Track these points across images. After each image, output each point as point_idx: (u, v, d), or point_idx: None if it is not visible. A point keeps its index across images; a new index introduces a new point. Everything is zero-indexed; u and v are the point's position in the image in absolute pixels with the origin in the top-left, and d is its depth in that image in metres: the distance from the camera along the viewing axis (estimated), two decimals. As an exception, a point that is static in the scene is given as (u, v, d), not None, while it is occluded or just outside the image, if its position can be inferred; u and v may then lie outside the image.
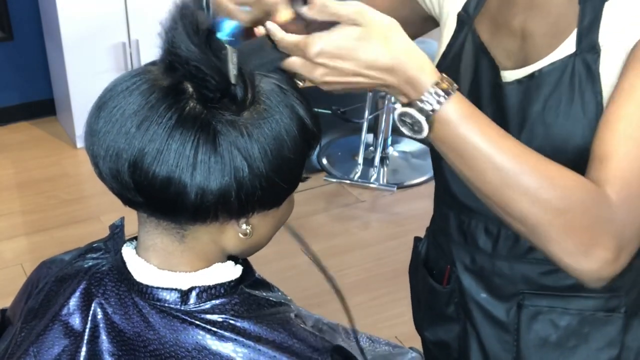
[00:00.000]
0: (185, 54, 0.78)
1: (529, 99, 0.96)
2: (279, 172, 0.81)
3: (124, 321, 0.87)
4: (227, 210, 0.82)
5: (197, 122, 0.78)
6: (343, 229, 3.10)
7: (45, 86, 3.87)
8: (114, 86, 0.82)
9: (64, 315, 0.89)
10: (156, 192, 0.79)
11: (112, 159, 0.80)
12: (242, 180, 0.79)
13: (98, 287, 0.89)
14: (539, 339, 1.08)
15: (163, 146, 0.77)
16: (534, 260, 1.05)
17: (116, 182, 0.81)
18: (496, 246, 1.07)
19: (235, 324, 0.85)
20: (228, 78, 0.80)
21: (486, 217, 1.06)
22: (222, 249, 0.88)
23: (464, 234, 1.10)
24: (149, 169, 0.78)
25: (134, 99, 0.79)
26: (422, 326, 1.26)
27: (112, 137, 0.79)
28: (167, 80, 0.80)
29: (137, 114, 0.78)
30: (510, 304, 1.09)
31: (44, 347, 0.88)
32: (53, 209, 3.20)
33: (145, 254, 0.89)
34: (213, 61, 0.79)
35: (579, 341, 1.07)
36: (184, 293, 0.86)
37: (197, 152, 0.77)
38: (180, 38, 0.78)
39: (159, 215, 0.85)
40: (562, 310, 1.06)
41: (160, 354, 0.84)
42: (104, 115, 0.80)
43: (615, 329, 1.06)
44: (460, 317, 1.16)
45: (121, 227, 0.96)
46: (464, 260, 1.12)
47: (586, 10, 0.92)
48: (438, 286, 1.18)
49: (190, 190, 0.78)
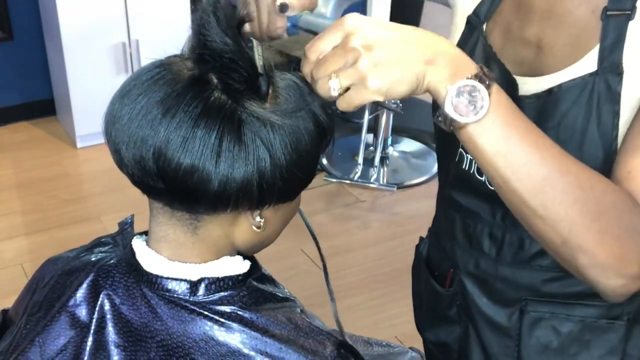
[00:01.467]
0: (220, 47, 0.80)
1: (545, 114, 0.94)
2: (297, 164, 0.83)
3: (131, 312, 0.87)
4: (247, 200, 0.83)
5: (222, 112, 0.79)
6: (343, 229, 3.10)
7: (45, 86, 3.88)
8: (138, 75, 0.84)
9: (70, 306, 0.90)
10: (179, 180, 0.80)
11: (136, 146, 0.81)
12: (264, 170, 0.81)
13: (106, 278, 0.90)
14: (540, 344, 1.08)
15: (188, 134, 0.79)
16: (537, 267, 1.04)
17: (139, 168, 0.82)
18: (500, 252, 1.07)
19: (243, 316, 0.86)
20: (257, 69, 0.82)
21: (491, 222, 1.06)
22: (233, 242, 0.90)
23: (470, 237, 1.10)
24: (173, 156, 0.79)
25: (159, 87, 0.81)
26: (423, 327, 1.26)
27: (137, 123, 0.80)
28: (194, 72, 0.82)
29: (163, 102, 0.80)
30: (512, 310, 1.09)
31: (49, 338, 0.89)
32: (53, 209, 3.20)
33: (156, 245, 0.90)
34: (246, 52, 0.81)
35: (580, 348, 1.06)
36: (194, 284, 0.87)
37: (222, 141, 0.79)
38: (215, 31, 0.80)
39: (177, 204, 0.86)
40: (565, 317, 1.06)
41: (168, 345, 0.85)
42: (128, 103, 0.82)
43: (616, 337, 1.06)
44: (462, 319, 1.16)
45: (131, 223, 0.97)
46: (467, 264, 1.12)
47: (609, 27, 0.90)
48: (440, 288, 1.18)
49: (214, 178, 0.79)
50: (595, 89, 0.90)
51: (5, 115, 3.85)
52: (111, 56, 3.49)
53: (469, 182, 1.06)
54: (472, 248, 1.10)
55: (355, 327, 1.38)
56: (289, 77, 0.85)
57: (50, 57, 3.77)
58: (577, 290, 1.04)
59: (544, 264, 1.03)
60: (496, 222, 1.05)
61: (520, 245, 1.04)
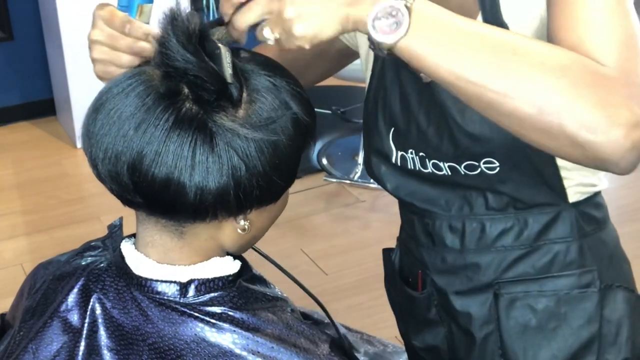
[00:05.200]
0: (183, 65, 0.79)
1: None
2: (275, 169, 0.82)
3: (122, 315, 0.87)
4: (226, 209, 0.83)
5: (193, 123, 0.79)
6: (343, 229, 3.10)
7: (45, 86, 3.87)
8: (110, 88, 0.83)
9: (62, 311, 0.90)
10: (155, 193, 0.80)
11: (111, 161, 0.81)
12: (239, 179, 0.80)
13: (96, 282, 0.90)
14: (519, 325, 1.09)
15: (161, 148, 0.78)
16: (502, 248, 1.07)
17: (115, 183, 0.82)
18: (463, 241, 1.08)
19: (233, 316, 0.86)
20: (225, 80, 0.81)
21: (448, 215, 1.08)
22: (220, 245, 0.90)
23: (431, 236, 1.11)
24: (147, 170, 0.79)
25: (130, 101, 0.80)
26: (409, 335, 1.26)
27: (110, 139, 0.80)
28: (164, 85, 0.81)
29: (134, 116, 0.79)
30: (486, 296, 1.10)
31: (42, 344, 0.89)
32: (53, 209, 3.20)
33: (144, 250, 0.89)
34: (211, 67, 0.80)
35: (558, 322, 1.08)
36: (183, 285, 0.87)
37: (195, 153, 0.78)
38: (175, 49, 0.79)
39: (158, 215, 0.86)
40: (538, 293, 1.07)
41: (159, 347, 0.85)
42: (102, 118, 0.81)
43: (592, 305, 1.07)
44: (443, 319, 1.16)
45: (119, 226, 0.97)
46: (434, 263, 1.13)
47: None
48: (415, 293, 1.19)
49: (189, 190, 0.79)
50: None
51: (5, 115, 3.85)
52: (111, 56, 3.49)
53: (417, 180, 1.08)
54: (435, 245, 1.12)
55: (355, 327, 1.38)
56: (264, 79, 0.84)
57: (50, 57, 3.77)
58: (544, 262, 1.06)
59: (507, 243, 1.06)
60: (453, 214, 1.07)
61: (482, 230, 1.07)
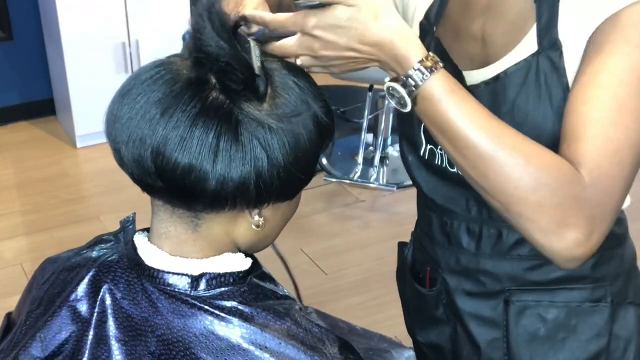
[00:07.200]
0: (216, 52, 0.81)
1: (498, 100, 0.98)
2: (296, 164, 0.84)
3: (132, 306, 0.88)
4: (245, 200, 0.84)
5: (220, 112, 0.80)
6: (343, 229, 3.10)
7: (45, 86, 3.87)
8: (138, 75, 0.85)
9: (72, 301, 0.90)
10: (177, 179, 0.81)
11: (135, 145, 0.82)
12: (261, 170, 0.81)
13: (107, 274, 0.91)
14: (528, 334, 1.09)
15: (186, 134, 0.80)
16: (517, 257, 1.06)
17: (138, 167, 0.83)
18: (479, 245, 1.08)
19: (243, 311, 0.87)
20: (254, 71, 0.83)
21: (467, 217, 1.08)
22: (234, 240, 0.90)
23: (448, 235, 1.12)
24: (171, 155, 0.80)
25: (158, 87, 0.82)
26: (414, 331, 1.27)
27: (136, 123, 0.81)
28: (193, 73, 0.82)
29: (161, 102, 0.81)
30: (497, 302, 1.10)
31: (51, 333, 0.90)
32: (53, 209, 3.20)
33: (158, 242, 0.90)
34: (242, 56, 0.82)
35: (567, 333, 1.08)
36: (195, 279, 0.87)
37: (220, 141, 0.80)
38: (210, 36, 0.81)
39: (176, 202, 0.86)
40: (549, 303, 1.07)
41: (168, 339, 0.85)
42: (128, 102, 0.83)
43: (602, 320, 1.07)
44: (450, 319, 1.17)
45: (132, 221, 0.98)
46: (448, 262, 1.13)
47: (543, 8, 0.94)
48: (423, 290, 1.19)
49: (211, 178, 0.80)
50: (541, 68, 0.95)
51: (5, 115, 3.85)
52: (111, 56, 3.49)
53: (442, 177, 1.08)
54: (451, 245, 1.12)
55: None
56: (288, 78, 0.86)
57: (50, 57, 3.77)
58: (559, 275, 1.06)
59: (523, 253, 1.06)
60: (472, 217, 1.07)
61: (499, 237, 1.06)
